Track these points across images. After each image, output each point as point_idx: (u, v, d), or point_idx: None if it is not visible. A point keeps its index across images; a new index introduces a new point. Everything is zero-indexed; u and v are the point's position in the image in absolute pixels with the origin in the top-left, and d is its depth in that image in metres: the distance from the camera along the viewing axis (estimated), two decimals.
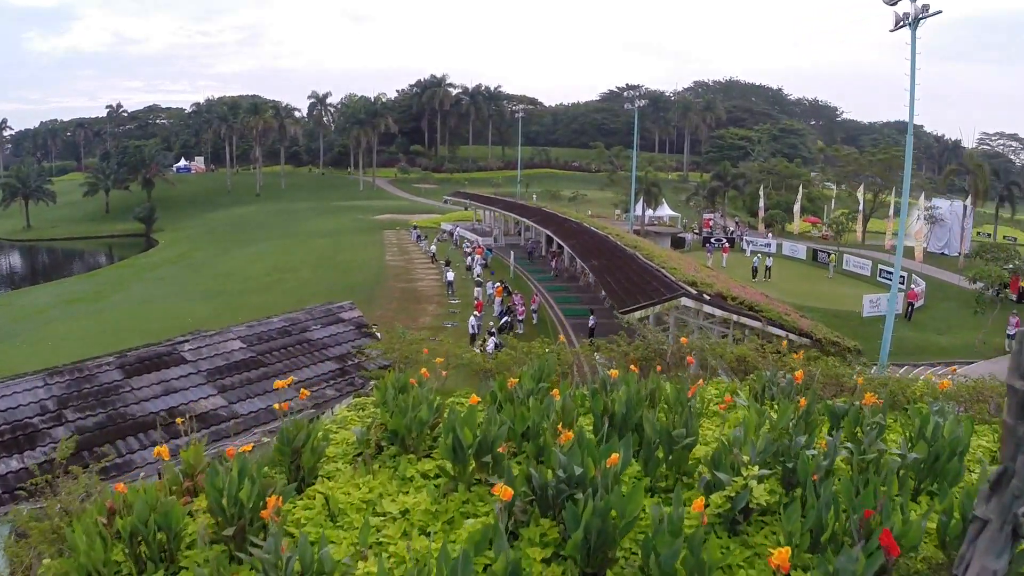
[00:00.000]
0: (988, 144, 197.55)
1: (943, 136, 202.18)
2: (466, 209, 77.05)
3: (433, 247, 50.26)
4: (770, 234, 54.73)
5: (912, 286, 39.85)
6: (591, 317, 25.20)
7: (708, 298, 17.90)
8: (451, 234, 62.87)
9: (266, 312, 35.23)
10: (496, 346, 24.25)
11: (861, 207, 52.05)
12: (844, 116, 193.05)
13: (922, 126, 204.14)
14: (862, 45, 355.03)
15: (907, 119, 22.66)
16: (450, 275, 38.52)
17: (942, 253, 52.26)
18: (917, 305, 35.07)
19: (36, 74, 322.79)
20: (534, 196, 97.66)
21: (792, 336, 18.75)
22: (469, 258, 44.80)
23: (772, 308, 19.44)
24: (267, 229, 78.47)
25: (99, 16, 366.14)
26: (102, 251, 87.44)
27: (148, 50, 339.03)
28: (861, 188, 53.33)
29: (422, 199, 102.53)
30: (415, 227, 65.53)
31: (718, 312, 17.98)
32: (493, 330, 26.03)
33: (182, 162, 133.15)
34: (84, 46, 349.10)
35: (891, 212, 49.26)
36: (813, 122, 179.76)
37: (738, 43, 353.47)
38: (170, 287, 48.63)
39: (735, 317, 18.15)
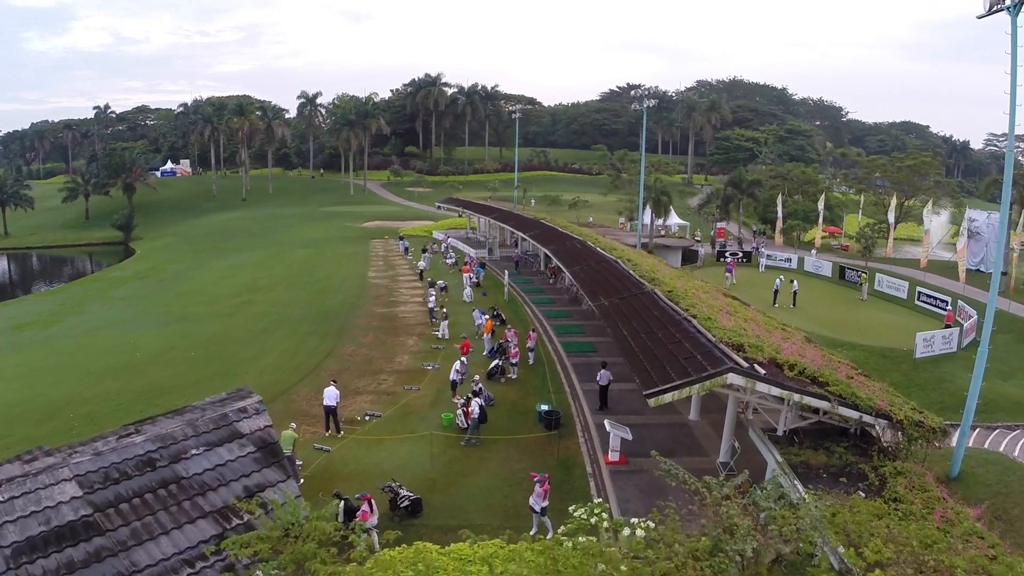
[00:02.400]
0: (995, 145, 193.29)
1: (951, 136, 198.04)
2: (460, 215, 72.35)
3: (423, 263, 45.45)
4: (814, 251, 49.90)
5: (948, 308, 35.48)
6: (603, 372, 20.56)
7: (763, 372, 13.34)
8: (442, 244, 58.27)
9: (221, 345, 30.28)
10: (482, 409, 19.70)
11: (892, 219, 47.43)
12: (849, 116, 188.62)
13: (927, 126, 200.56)
14: (861, 44, 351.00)
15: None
16: (433, 300, 33.94)
17: (977, 270, 47.64)
18: (968, 340, 30.48)
19: (35, 74, 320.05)
20: (532, 201, 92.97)
21: (867, 417, 14.34)
22: (441, 281, 39.92)
23: (839, 378, 14.94)
24: (249, 238, 73.95)
25: (98, 16, 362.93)
26: (79, 260, 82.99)
27: (147, 50, 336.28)
28: (894, 198, 48.65)
29: (414, 204, 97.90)
30: (401, 237, 60.89)
31: (775, 391, 13.43)
32: (479, 386, 21.37)
33: (168, 165, 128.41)
34: (83, 46, 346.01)
35: (929, 224, 44.45)
36: (818, 122, 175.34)
37: (739, 41, 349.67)
38: (130, 309, 44.03)
39: (796, 396, 13.61)
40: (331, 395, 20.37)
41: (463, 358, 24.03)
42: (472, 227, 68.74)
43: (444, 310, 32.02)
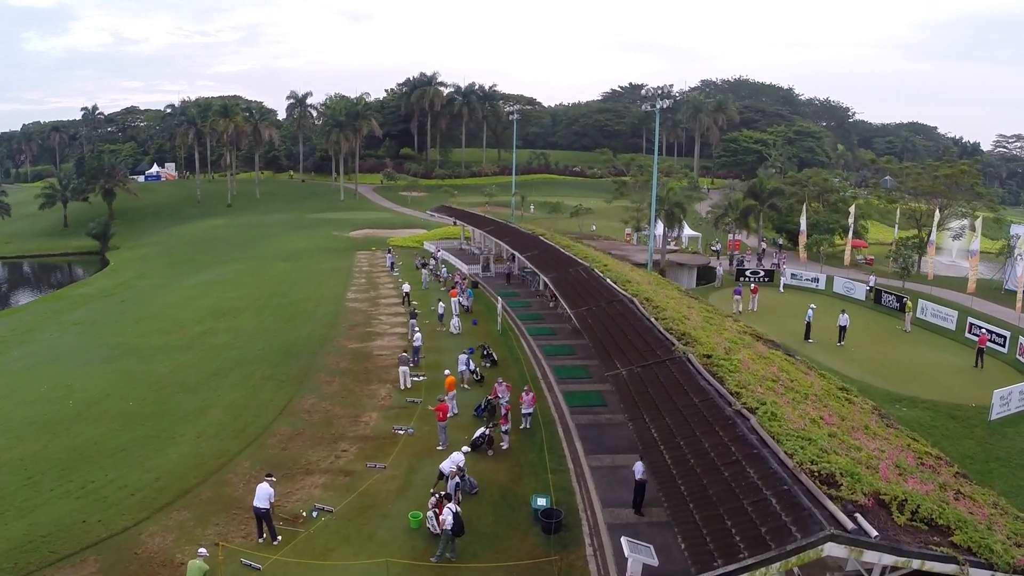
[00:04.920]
0: (1005, 147, 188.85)
1: (961, 138, 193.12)
2: (454, 224, 67.60)
3: (407, 286, 40.48)
4: (873, 277, 44.03)
5: (983, 332, 31.03)
6: (638, 466, 15.63)
7: (873, 532, 8.61)
8: (431, 259, 53.47)
9: (164, 392, 24.75)
10: (458, 518, 14.92)
11: (934, 235, 42.53)
12: (856, 117, 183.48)
13: (935, 127, 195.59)
14: (862, 44, 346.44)
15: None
16: (418, 337, 29.07)
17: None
18: None
19: (35, 74, 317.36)
20: (531, 207, 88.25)
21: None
22: (441, 305, 35.01)
23: (960, 512, 10.37)
24: (229, 248, 69.26)
25: (98, 16, 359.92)
26: (54, 271, 78.30)
27: (147, 50, 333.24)
28: (937, 212, 43.73)
29: (407, 210, 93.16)
30: (389, 250, 56.06)
31: (889, 559, 8.70)
32: (456, 480, 16.53)
33: (154, 169, 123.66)
34: (83, 46, 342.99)
35: (975, 242, 39.42)
36: (824, 123, 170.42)
37: (739, 41, 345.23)
38: (81, 338, 39.27)
39: (915, 563, 8.92)
40: (263, 495, 15.61)
41: (457, 455, 17.69)
42: (467, 237, 64.04)
43: (405, 353, 26.86)
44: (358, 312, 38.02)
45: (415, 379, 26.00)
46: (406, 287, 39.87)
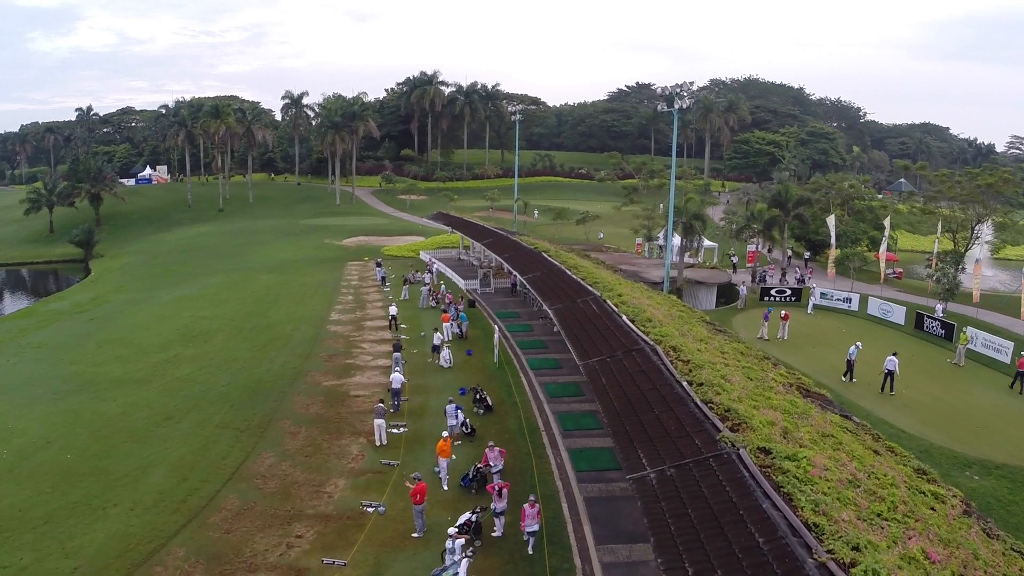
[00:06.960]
0: (1019, 148, 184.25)
1: (975, 140, 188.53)
2: (452, 232, 63.78)
3: (395, 308, 36.54)
4: (940, 306, 37.52)
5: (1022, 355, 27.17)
6: None
7: None
8: (429, 270, 49.67)
9: (108, 441, 16.17)
10: None
11: (980, 251, 38.36)
12: (867, 117, 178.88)
13: (947, 128, 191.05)
14: (867, 44, 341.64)
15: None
16: (397, 378, 25.01)
17: None
18: None
19: (40, 75, 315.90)
20: (535, 212, 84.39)
21: None
22: (438, 335, 30.98)
23: None
24: (213, 258, 65.61)
25: (103, 16, 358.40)
26: (37, 279, 74.79)
27: (152, 50, 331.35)
28: (985, 226, 39.69)
29: (405, 215, 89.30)
30: (379, 263, 52.20)
31: None
32: None
33: (145, 171, 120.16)
34: (88, 46, 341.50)
35: None
36: (836, 124, 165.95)
37: (744, 40, 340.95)
38: (37, 366, 35.49)
39: None
40: None
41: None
42: (466, 246, 60.17)
43: (382, 403, 22.72)
44: (339, 338, 34.17)
45: (393, 431, 22.12)
46: (393, 309, 35.92)
